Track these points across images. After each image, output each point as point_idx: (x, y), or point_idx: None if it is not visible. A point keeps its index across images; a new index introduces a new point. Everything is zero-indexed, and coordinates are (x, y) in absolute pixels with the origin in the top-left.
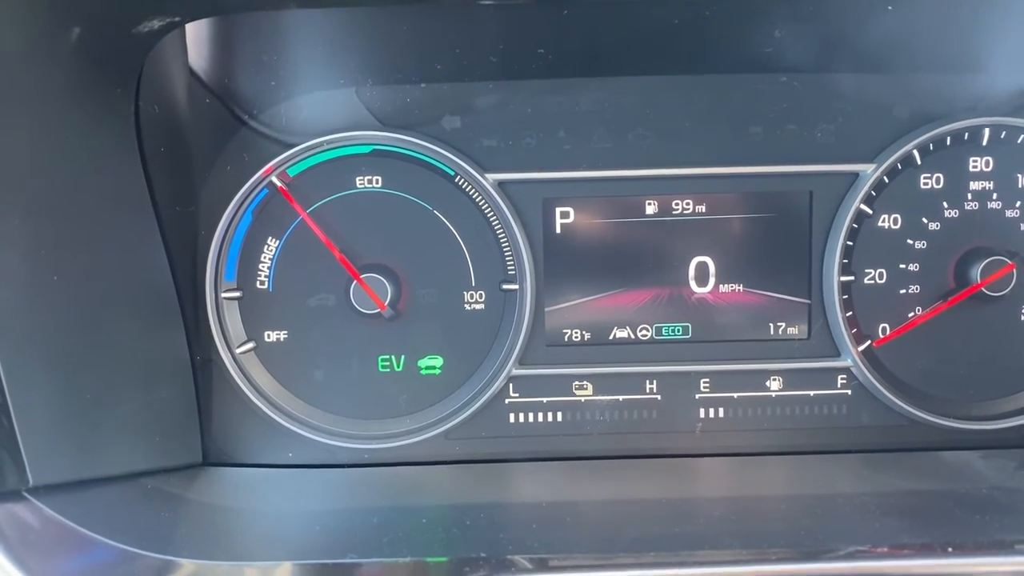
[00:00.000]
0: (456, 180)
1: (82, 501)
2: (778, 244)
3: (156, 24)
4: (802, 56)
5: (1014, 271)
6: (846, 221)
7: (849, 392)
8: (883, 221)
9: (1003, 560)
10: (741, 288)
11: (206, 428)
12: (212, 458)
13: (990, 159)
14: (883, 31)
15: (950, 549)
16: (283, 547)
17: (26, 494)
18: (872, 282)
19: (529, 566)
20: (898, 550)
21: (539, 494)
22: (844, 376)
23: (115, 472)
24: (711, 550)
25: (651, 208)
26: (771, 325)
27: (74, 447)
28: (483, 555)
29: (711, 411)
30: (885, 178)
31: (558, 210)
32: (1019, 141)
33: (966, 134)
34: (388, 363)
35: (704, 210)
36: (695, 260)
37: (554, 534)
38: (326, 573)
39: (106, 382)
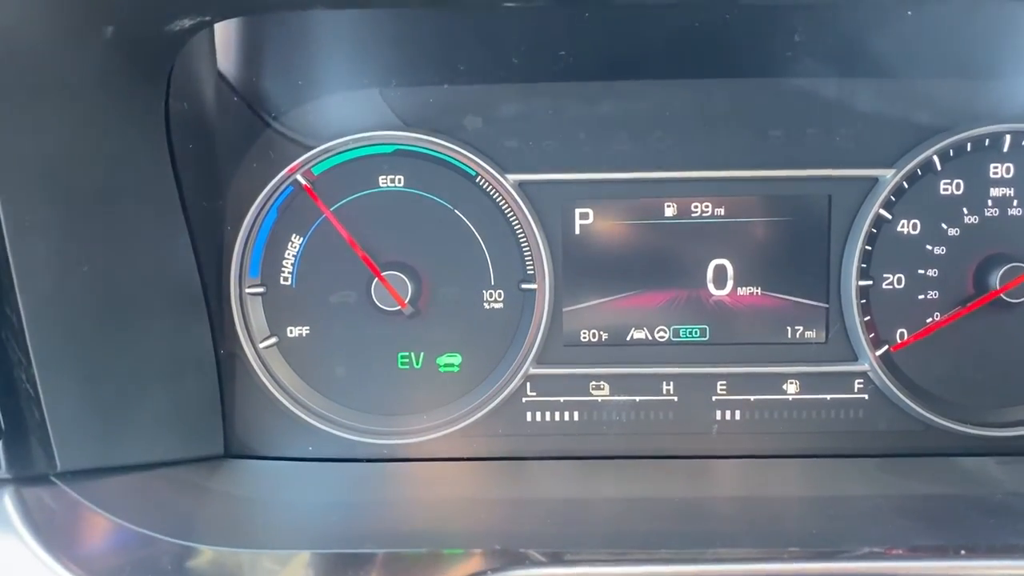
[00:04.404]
0: (477, 180)
1: (107, 487)
2: (796, 248)
3: (187, 23)
4: (822, 60)
5: None
6: (865, 226)
7: (866, 396)
8: (902, 226)
9: (1018, 564)
10: (759, 291)
11: (228, 421)
12: (233, 450)
13: (1011, 166)
14: (903, 36)
15: (963, 552)
16: (301, 536)
17: (53, 479)
18: (891, 287)
19: (543, 559)
20: (912, 552)
21: (554, 491)
22: (861, 380)
23: (139, 461)
24: (724, 548)
25: (670, 210)
26: (788, 328)
27: (100, 435)
28: (498, 547)
29: (727, 413)
30: (905, 183)
31: (577, 211)
32: None
33: (987, 140)
34: (407, 360)
35: (723, 213)
36: (713, 263)
37: (568, 529)
38: (343, 562)
39: (132, 373)
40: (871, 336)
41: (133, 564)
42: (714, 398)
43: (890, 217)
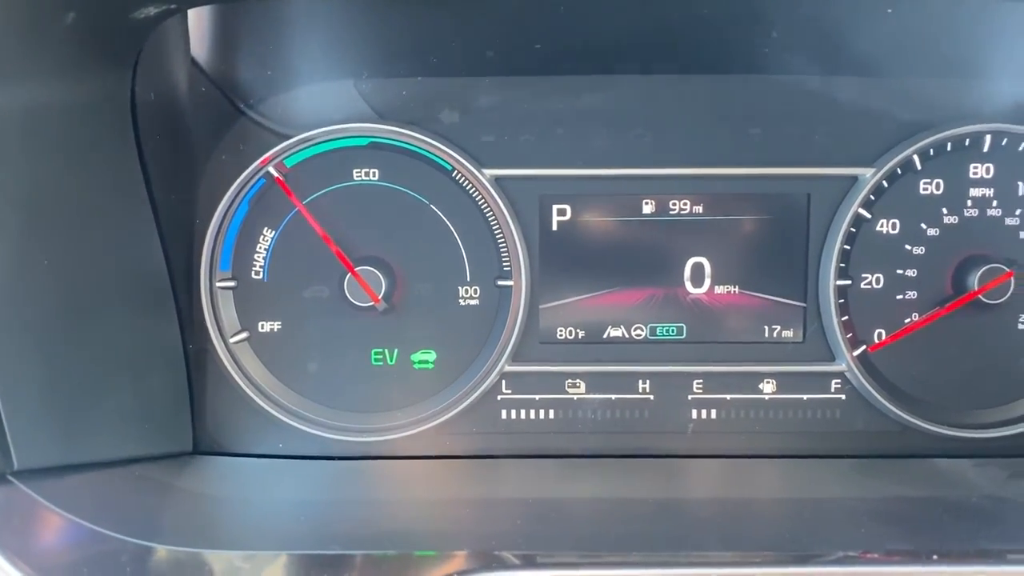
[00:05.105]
0: (453, 175)
1: (68, 486)
2: (775, 246)
3: (152, 11)
4: (803, 58)
5: (1012, 279)
6: (844, 225)
7: (843, 397)
8: (881, 226)
9: (990, 570)
10: (736, 290)
11: (197, 417)
12: (202, 447)
13: (991, 166)
14: (884, 34)
15: (935, 557)
16: (269, 537)
17: (11, 477)
18: (869, 287)
19: (516, 562)
20: (885, 556)
21: (528, 491)
22: (838, 380)
23: (103, 458)
24: (698, 551)
25: (648, 207)
26: (766, 327)
27: (62, 432)
28: (470, 550)
29: (703, 412)
30: (884, 182)
31: (555, 207)
32: (1020, 148)
33: (967, 140)
34: (381, 356)
35: (701, 211)
36: (691, 260)
37: (542, 531)
38: (311, 564)
39: (96, 368)
40: (848, 336)
41: (91, 566)
42: (690, 397)
43: (869, 216)
